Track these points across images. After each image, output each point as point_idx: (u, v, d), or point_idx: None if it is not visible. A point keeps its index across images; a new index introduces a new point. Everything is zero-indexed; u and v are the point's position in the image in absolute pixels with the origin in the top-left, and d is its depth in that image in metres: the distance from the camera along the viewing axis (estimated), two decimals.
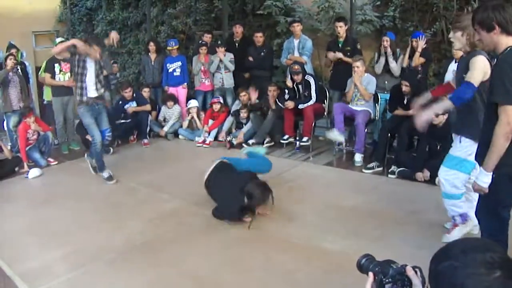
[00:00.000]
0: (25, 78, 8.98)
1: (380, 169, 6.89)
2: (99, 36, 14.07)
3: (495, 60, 3.25)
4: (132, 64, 13.71)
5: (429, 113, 4.11)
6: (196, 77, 9.81)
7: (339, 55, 8.09)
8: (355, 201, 5.82)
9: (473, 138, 4.16)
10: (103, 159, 7.07)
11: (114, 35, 6.82)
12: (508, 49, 3.12)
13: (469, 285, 1.28)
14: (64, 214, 5.89)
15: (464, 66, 4.21)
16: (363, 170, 6.96)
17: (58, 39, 9.06)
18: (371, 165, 7.00)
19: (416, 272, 1.65)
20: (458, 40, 4.18)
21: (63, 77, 8.68)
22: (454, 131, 4.50)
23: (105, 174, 6.98)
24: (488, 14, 3.16)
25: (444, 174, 4.50)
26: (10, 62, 8.39)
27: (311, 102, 8.03)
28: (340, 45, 8.21)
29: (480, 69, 4.05)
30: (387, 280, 1.69)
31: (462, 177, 4.42)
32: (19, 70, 8.85)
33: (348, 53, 8.09)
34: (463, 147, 4.31)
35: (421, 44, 7.34)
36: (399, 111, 6.98)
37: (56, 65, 8.65)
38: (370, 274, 1.75)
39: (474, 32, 3.99)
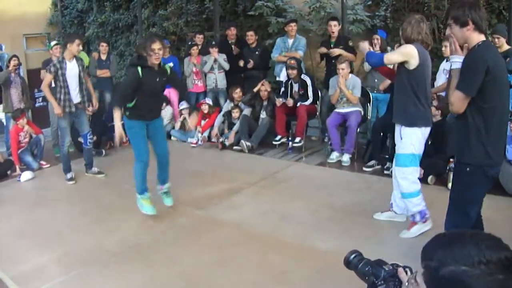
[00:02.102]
0: None
1: (379, 166, 6.91)
2: (90, 39, 14.10)
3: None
4: (124, 66, 13.68)
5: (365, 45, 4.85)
6: (188, 78, 9.77)
7: (337, 51, 8.07)
8: (348, 200, 5.83)
9: (407, 124, 4.58)
10: (70, 163, 7.22)
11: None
12: (478, 44, 3.32)
13: None
14: (56, 216, 5.87)
15: None
16: (364, 168, 6.98)
17: (53, 42, 8.99)
18: (370, 163, 7.02)
19: (406, 272, 1.66)
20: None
21: None
22: (395, 120, 4.78)
23: (68, 175, 7.16)
24: (464, 11, 3.32)
25: (401, 174, 4.72)
26: (12, 63, 8.41)
27: (308, 102, 8.03)
28: (332, 44, 8.21)
29: (401, 53, 4.50)
30: (379, 283, 1.71)
31: (415, 170, 4.69)
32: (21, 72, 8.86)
33: None
34: (407, 143, 4.61)
35: None
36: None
37: None
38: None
39: (407, 28, 4.52)
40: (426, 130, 4.64)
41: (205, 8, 11.91)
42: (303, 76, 8.13)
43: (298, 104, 8.01)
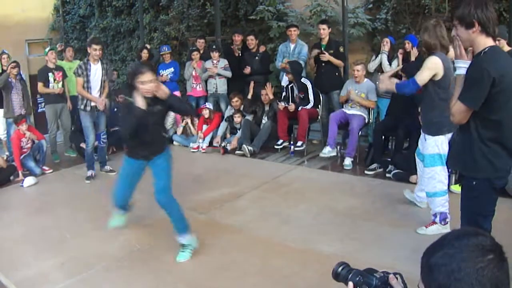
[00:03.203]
0: None
1: (381, 170, 6.91)
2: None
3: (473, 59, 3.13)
4: (126, 71, 13.72)
5: (387, 82, 4.91)
6: (188, 82, 9.80)
7: (325, 56, 8.11)
8: (350, 204, 5.84)
9: (431, 134, 4.69)
10: (94, 160, 7.66)
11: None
12: (484, 51, 3.02)
13: (466, 268, 1.32)
14: (59, 222, 5.88)
15: (419, 65, 4.79)
16: (365, 172, 6.98)
17: (47, 48, 8.90)
18: (372, 166, 7.03)
19: (397, 279, 1.69)
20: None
21: (56, 86, 8.65)
22: (422, 130, 4.90)
23: (88, 173, 7.53)
24: (470, 11, 3.00)
25: (428, 174, 4.82)
26: (11, 69, 8.40)
27: (309, 106, 8.03)
28: (322, 48, 8.24)
29: (429, 69, 4.53)
30: None
31: (443, 170, 4.73)
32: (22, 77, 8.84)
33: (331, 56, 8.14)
34: (431, 144, 4.70)
35: (414, 52, 7.39)
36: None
37: (50, 74, 8.63)
38: (350, 284, 1.78)
39: (424, 35, 4.59)
40: (449, 135, 4.63)
41: (206, 12, 11.93)
42: (304, 80, 8.15)
43: (300, 108, 8.03)
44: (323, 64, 8.28)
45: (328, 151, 7.49)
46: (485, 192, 3.22)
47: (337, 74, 8.07)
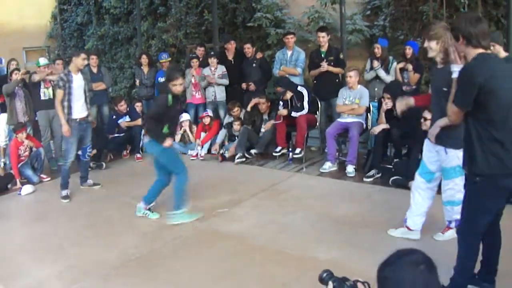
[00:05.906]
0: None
1: (380, 175, 6.91)
2: (90, 51, 14.11)
3: None
4: (124, 78, 13.72)
5: (436, 129, 4.48)
6: (187, 89, 9.78)
7: (324, 67, 8.11)
8: (349, 210, 5.83)
9: (457, 147, 4.44)
10: (68, 179, 7.04)
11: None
12: (473, 59, 3.33)
13: (406, 278, 1.81)
14: (57, 230, 5.86)
15: (444, 77, 4.40)
16: (364, 179, 6.96)
17: (43, 61, 8.70)
18: (371, 173, 7.01)
19: (365, 286, 2.18)
20: (431, 49, 4.53)
21: (47, 92, 8.49)
22: (439, 143, 4.63)
23: (63, 192, 6.98)
24: (456, 25, 3.41)
25: (448, 185, 4.73)
26: (17, 76, 8.33)
27: (303, 112, 8.02)
28: (322, 55, 8.24)
29: None
30: None
31: (460, 179, 4.56)
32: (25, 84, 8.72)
33: (332, 63, 8.14)
34: (452, 157, 4.54)
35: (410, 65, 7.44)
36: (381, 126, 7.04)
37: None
38: (330, 283, 2.27)
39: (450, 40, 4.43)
40: None
41: (204, 20, 11.94)
42: (300, 88, 8.13)
43: (292, 114, 8.05)
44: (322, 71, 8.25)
45: (328, 167, 7.51)
46: (487, 191, 3.38)
47: (337, 81, 8.04)
